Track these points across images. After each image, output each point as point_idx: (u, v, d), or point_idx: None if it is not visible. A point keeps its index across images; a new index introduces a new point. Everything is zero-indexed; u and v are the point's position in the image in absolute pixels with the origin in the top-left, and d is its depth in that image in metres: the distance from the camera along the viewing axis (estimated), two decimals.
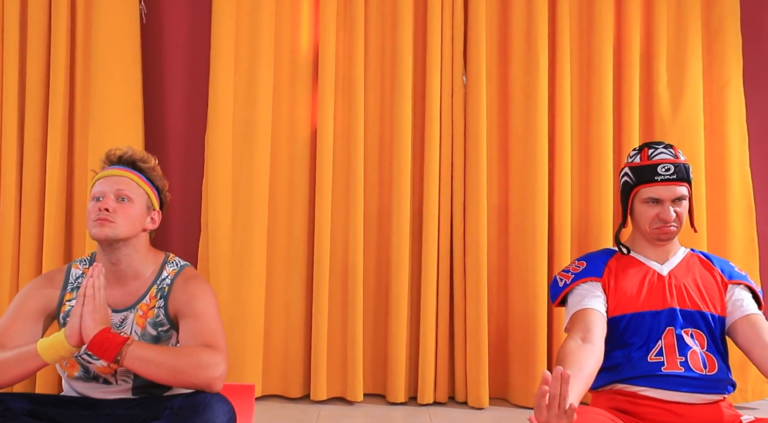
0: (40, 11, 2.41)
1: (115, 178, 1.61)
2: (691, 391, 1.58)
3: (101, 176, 1.63)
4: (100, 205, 1.56)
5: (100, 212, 1.55)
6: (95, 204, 1.58)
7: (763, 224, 2.53)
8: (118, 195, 1.58)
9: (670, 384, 1.59)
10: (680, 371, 1.59)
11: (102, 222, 1.55)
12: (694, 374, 1.59)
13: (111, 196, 1.57)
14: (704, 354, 1.63)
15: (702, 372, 1.60)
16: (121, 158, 1.64)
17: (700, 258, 1.80)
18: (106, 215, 1.55)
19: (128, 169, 1.63)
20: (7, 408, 1.45)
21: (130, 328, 1.60)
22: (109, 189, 1.58)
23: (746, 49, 2.52)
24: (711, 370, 1.61)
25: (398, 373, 2.40)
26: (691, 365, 1.60)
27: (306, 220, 2.48)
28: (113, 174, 1.61)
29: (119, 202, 1.58)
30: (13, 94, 2.39)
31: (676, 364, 1.61)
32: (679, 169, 1.73)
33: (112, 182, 1.60)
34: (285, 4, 2.49)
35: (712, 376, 1.60)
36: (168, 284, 1.65)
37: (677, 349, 1.63)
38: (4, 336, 1.54)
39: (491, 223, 2.49)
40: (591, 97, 2.48)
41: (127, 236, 1.59)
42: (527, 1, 2.46)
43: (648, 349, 1.64)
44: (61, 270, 1.70)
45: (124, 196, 1.59)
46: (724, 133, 2.47)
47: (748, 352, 1.62)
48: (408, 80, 2.44)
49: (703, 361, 1.61)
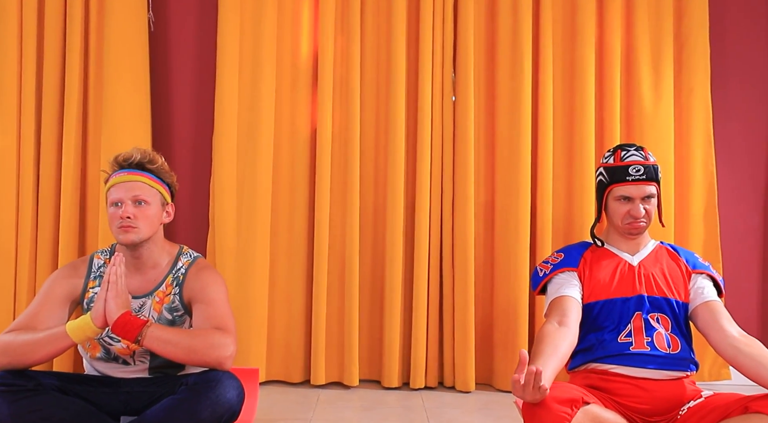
0: (55, 21, 2.53)
1: (130, 184, 1.72)
2: (657, 368, 1.75)
3: (116, 182, 1.74)
4: (122, 214, 1.69)
5: (122, 220, 1.69)
6: (116, 211, 1.71)
7: (725, 221, 2.70)
8: (135, 200, 1.71)
9: (638, 361, 1.75)
10: (647, 350, 1.76)
11: (126, 229, 1.70)
12: (659, 353, 1.76)
13: (129, 203, 1.70)
14: (669, 335, 1.79)
15: (666, 351, 1.76)
16: (130, 162, 1.75)
17: (668, 250, 1.97)
18: (128, 223, 1.69)
19: (139, 172, 1.75)
20: (39, 383, 1.61)
21: (148, 313, 1.76)
22: (126, 195, 1.71)
23: (713, 58, 2.68)
24: (674, 349, 1.77)
25: (392, 359, 2.54)
26: (657, 345, 1.77)
27: (306, 216, 2.61)
28: (127, 180, 1.73)
29: (137, 207, 1.71)
30: (30, 98, 2.51)
31: (643, 344, 1.77)
32: (649, 170, 1.89)
33: (127, 188, 1.72)
34: (286, 12, 2.62)
35: (676, 354, 1.77)
36: (183, 273, 1.80)
37: (644, 331, 1.79)
38: (35, 319, 1.69)
39: (478, 218, 2.63)
40: (573, 101, 2.61)
41: (149, 236, 1.75)
42: (513, 9, 2.59)
43: (618, 332, 1.81)
44: (84, 260, 1.85)
45: (140, 200, 1.72)
46: (691, 137, 2.61)
47: (706, 335, 1.79)
48: (401, 84, 2.57)
49: (667, 341, 1.78)
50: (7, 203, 2.48)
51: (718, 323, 1.75)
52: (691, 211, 2.63)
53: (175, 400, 1.57)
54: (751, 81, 2.75)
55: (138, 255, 1.77)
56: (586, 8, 2.58)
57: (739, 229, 2.73)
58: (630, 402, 1.73)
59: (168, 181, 1.82)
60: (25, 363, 1.59)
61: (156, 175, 1.78)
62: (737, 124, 2.74)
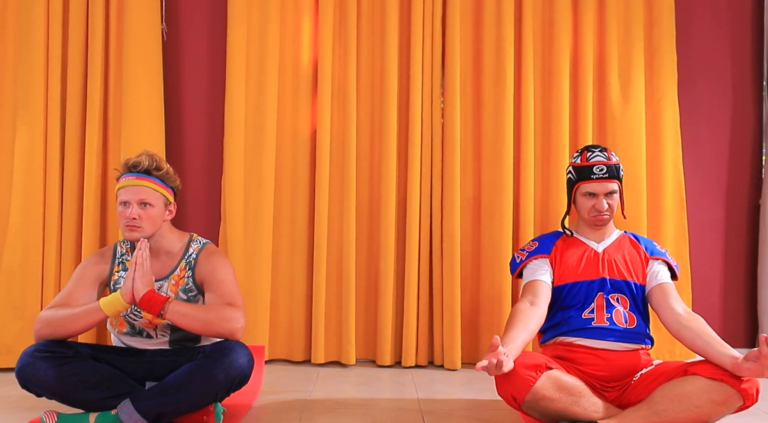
0: (78, 34, 2.75)
1: (137, 188, 1.93)
2: (615, 340, 1.99)
3: (125, 185, 1.94)
4: (128, 214, 1.91)
5: (128, 220, 1.92)
6: (123, 210, 1.93)
7: (692, 214, 2.93)
8: (140, 202, 1.93)
9: (598, 334, 1.99)
10: (606, 325, 2.00)
11: (132, 228, 1.93)
12: (617, 327, 2.00)
13: (135, 205, 1.92)
14: (627, 313, 2.03)
15: (624, 326, 2.00)
16: (139, 168, 1.95)
17: (630, 238, 2.20)
18: (134, 223, 1.92)
19: (146, 177, 1.95)
20: (77, 351, 1.85)
21: (166, 294, 1.99)
22: (133, 197, 1.92)
23: (681, 65, 2.91)
24: (631, 324, 2.01)
25: (385, 340, 2.77)
26: (615, 321, 2.01)
27: (307, 210, 2.84)
28: (135, 184, 1.94)
29: (143, 209, 1.93)
30: (56, 102, 2.73)
31: (603, 319, 2.01)
32: (611, 169, 2.11)
33: (135, 191, 1.93)
34: (289, 25, 2.85)
35: (632, 329, 2.01)
36: (194, 258, 2.04)
37: (605, 308, 2.03)
38: (70, 298, 1.93)
39: (465, 212, 2.85)
40: (551, 104, 2.84)
41: (152, 233, 1.98)
42: (496, 21, 2.81)
43: (583, 309, 2.05)
44: (109, 248, 2.09)
45: (146, 202, 1.94)
46: (661, 137, 2.84)
47: (657, 312, 2.03)
48: (394, 89, 2.79)
49: (624, 317, 2.02)
50: (34, 199, 2.70)
51: (667, 302, 1.99)
52: (661, 205, 2.85)
53: (194, 366, 1.81)
54: (715, 86, 2.98)
55: (155, 245, 2.01)
56: (562, 21, 2.81)
57: (705, 221, 2.97)
58: (590, 369, 1.97)
59: (172, 185, 2.03)
60: (64, 334, 1.83)
61: (161, 179, 1.99)
62: (703, 125, 2.97)
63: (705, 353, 1.80)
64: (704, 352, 1.81)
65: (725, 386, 1.71)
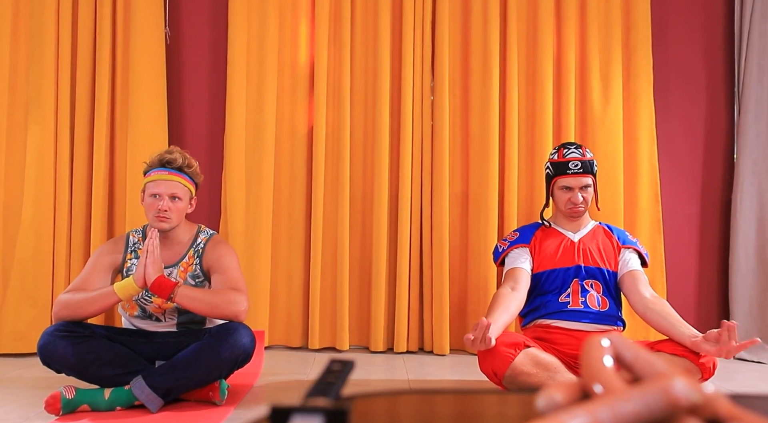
0: (87, 38, 2.89)
1: (170, 182, 2.10)
2: (589, 322, 2.16)
3: (158, 178, 2.10)
4: (160, 206, 2.07)
5: (159, 212, 2.07)
6: (154, 201, 2.08)
7: (667, 208, 3.09)
8: (171, 196, 2.09)
9: (573, 317, 2.17)
10: (581, 308, 2.17)
11: (162, 219, 2.09)
12: (591, 310, 2.17)
13: (166, 198, 2.08)
14: (600, 297, 2.20)
15: (597, 308, 2.18)
16: (173, 164, 2.12)
17: (604, 229, 2.37)
18: (164, 215, 2.08)
19: (178, 173, 2.12)
20: (92, 331, 2.01)
21: (177, 278, 2.15)
22: (165, 191, 2.09)
23: (657, 67, 3.08)
24: (603, 307, 2.19)
25: (378, 328, 2.92)
26: (589, 304, 2.18)
27: (304, 204, 2.99)
28: (168, 179, 2.10)
29: (172, 202, 2.10)
30: (66, 102, 2.88)
31: (578, 303, 2.18)
32: (586, 164, 2.28)
33: (167, 186, 2.09)
34: (286, 28, 3.00)
35: (605, 311, 2.18)
36: (202, 247, 2.20)
37: (580, 293, 2.20)
38: (86, 283, 2.08)
39: (453, 206, 3.01)
40: (535, 104, 3.00)
41: (177, 224, 2.14)
42: (483, 25, 2.97)
43: (560, 294, 2.22)
44: (122, 237, 2.24)
45: (176, 196, 2.10)
46: (637, 136, 3.00)
47: (627, 297, 2.20)
48: (386, 90, 2.94)
49: (598, 301, 2.19)
50: (45, 193, 2.84)
51: (636, 287, 2.16)
52: (638, 200, 3.02)
53: (201, 345, 1.97)
54: (689, 87, 3.15)
55: (166, 235, 2.17)
56: (545, 26, 2.98)
57: (680, 216, 3.14)
58: (566, 349, 2.14)
59: (197, 181, 2.21)
60: (80, 316, 1.98)
61: (190, 176, 2.16)
62: (678, 125, 3.14)
63: (668, 332, 1.98)
64: (667, 332, 1.98)
65: (686, 361, 1.88)
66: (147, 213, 2.12)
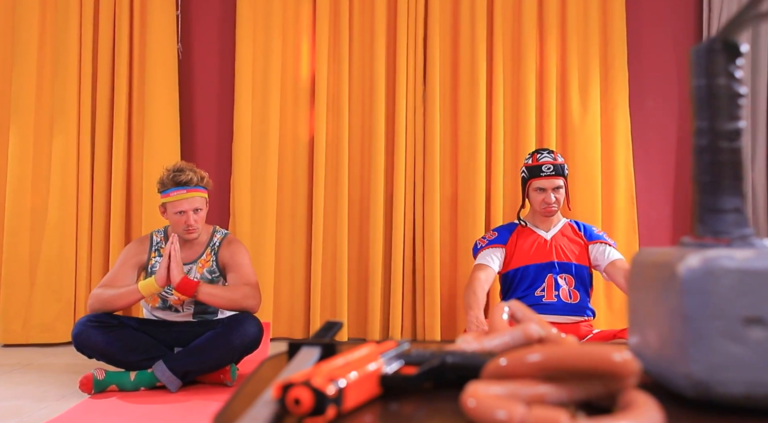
0: (106, 53, 3.15)
1: (191, 199, 2.35)
2: (562, 314, 2.40)
3: (180, 198, 2.34)
4: (186, 221, 2.32)
5: (187, 226, 2.33)
6: (180, 217, 2.34)
7: (642, 210, 3.33)
8: (193, 209, 2.35)
9: (548, 309, 2.41)
10: (554, 301, 2.42)
11: (190, 232, 2.36)
12: (564, 303, 2.41)
13: (190, 212, 2.34)
14: (571, 291, 2.45)
15: (568, 301, 2.42)
16: (188, 184, 2.36)
17: (572, 226, 2.61)
18: (191, 228, 2.34)
19: (195, 188, 2.37)
20: (120, 322, 2.26)
21: (194, 275, 2.40)
22: (188, 207, 2.34)
23: (633, 78, 3.32)
24: (574, 300, 2.43)
25: (374, 321, 3.15)
26: (562, 297, 2.42)
27: (305, 206, 3.23)
28: (188, 197, 2.34)
29: (196, 213, 2.36)
30: (87, 112, 3.13)
31: (552, 296, 2.43)
32: (557, 167, 2.52)
33: (189, 202, 2.35)
34: (289, 44, 3.25)
35: (575, 304, 2.43)
36: (218, 246, 2.45)
37: (554, 287, 2.45)
38: (115, 280, 2.33)
39: (444, 209, 3.25)
40: (519, 114, 3.24)
41: (201, 231, 2.40)
42: (471, 39, 3.21)
43: (535, 288, 2.46)
44: (147, 237, 2.49)
45: (197, 208, 2.37)
46: (614, 143, 3.24)
47: (615, 283, 2.44)
48: (381, 101, 3.18)
49: (569, 294, 2.43)
50: (69, 198, 3.09)
51: (621, 272, 2.39)
52: (614, 202, 3.25)
53: (214, 333, 2.23)
54: (663, 97, 3.38)
55: (189, 238, 2.42)
56: (529, 41, 3.22)
57: (653, 217, 3.38)
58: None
59: (209, 188, 2.47)
60: (110, 309, 2.24)
61: (203, 187, 2.42)
62: (651, 131, 3.38)
63: None
64: None
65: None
66: (175, 228, 2.37)
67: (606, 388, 0.47)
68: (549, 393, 0.46)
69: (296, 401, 0.44)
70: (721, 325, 0.47)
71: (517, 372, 0.49)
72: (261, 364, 0.67)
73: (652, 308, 0.54)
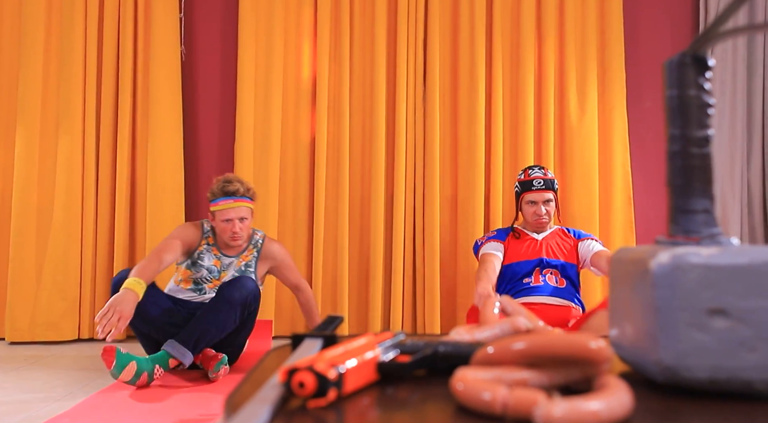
0: (111, 55, 3.20)
1: (237, 209, 2.47)
2: (547, 296, 2.51)
3: (228, 207, 2.45)
4: (232, 229, 2.44)
5: (233, 233, 2.45)
6: (227, 225, 2.45)
7: (639, 210, 3.38)
8: (239, 218, 2.46)
9: (534, 292, 2.53)
10: (541, 284, 2.52)
11: (235, 239, 2.47)
12: (550, 286, 2.52)
13: (236, 221, 2.46)
14: (558, 278, 2.55)
15: (554, 285, 2.52)
16: (236, 194, 2.47)
17: (563, 230, 2.74)
18: (236, 236, 2.46)
19: (242, 198, 2.49)
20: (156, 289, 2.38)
21: (234, 268, 2.52)
22: (235, 216, 2.46)
23: (630, 80, 3.37)
24: (560, 285, 2.54)
25: (375, 316, 3.20)
26: (548, 282, 2.53)
27: (307, 206, 3.28)
28: (236, 206, 2.47)
29: (241, 222, 2.47)
30: (92, 113, 3.18)
31: (539, 281, 2.54)
32: (548, 182, 2.64)
33: (236, 212, 2.46)
34: (291, 46, 3.30)
35: (562, 288, 2.53)
36: (261, 243, 2.60)
37: (540, 276, 2.55)
38: (164, 250, 2.37)
39: (444, 208, 3.30)
40: (518, 115, 3.29)
41: (247, 237, 2.51)
42: (470, 42, 3.26)
43: (523, 278, 2.57)
44: (199, 224, 2.58)
45: (243, 217, 2.48)
46: (611, 143, 3.29)
47: (602, 271, 2.53)
48: (382, 102, 3.23)
49: (556, 280, 2.54)
50: (74, 198, 3.14)
51: (604, 259, 2.51)
52: (612, 202, 3.30)
53: (216, 295, 2.34)
54: (659, 98, 3.43)
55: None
56: (527, 44, 3.27)
57: (651, 217, 3.42)
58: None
59: (254, 200, 2.58)
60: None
61: (250, 197, 2.53)
62: (648, 132, 3.43)
63: None
64: None
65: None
66: (221, 234, 2.49)
67: (583, 373, 0.51)
68: (531, 377, 0.51)
69: (300, 384, 0.49)
70: (687, 316, 0.51)
71: (503, 359, 0.53)
72: (266, 353, 0.71)
73: (629, 301, 0.58)
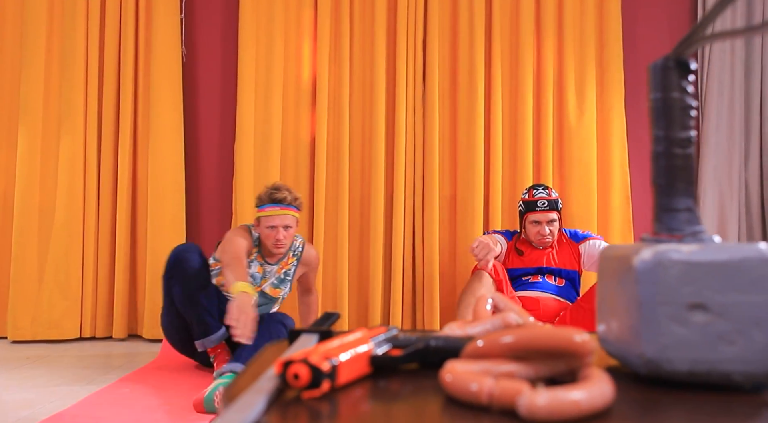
0: (112, 55, 3.22)
1: (282, 217, 2.46)
2: (544, 292, 2.55)
3: (273, 214, 2.45)
4: (276, 236, 2.44)
5: (276, 241, 2.45)
6: (271, 232, 2.45)
7: (637, 210, 3.39)
8: (284, 226, 2.46)
9: (532, 287, 2.57)
10: (539, 281, 2.57)
11: (278, 247, 2.47)
12: (548, 283, 2.57)
13: (281, 229, 2.46)
14: (557, 279, 2.59)
15: (553, 283, 2.55)
16: (283, 201, 2.47)
17: (563, 234, 2.78)
18: (280, 243, 2.46)
19: (288, 207, 2.49)
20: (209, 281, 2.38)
21: (273, 275, 2.54)
22: (280, 223, 2.46)
23: (629, 80, 3.38)
24: (559, 284, 2.57)
25: (375, 313, 3.22)
26: (546, 280, 2.58)
27: (307, 206, 3.28)
28: (281, 213, 2.46)
29: (286, 230, 2.47)
30: (93, 113, 3.20)
31: (538, 279, 2.59)
32: (551, 203, 2.68)
33: (281, 219, 2.46)
34: (291, 47, 3.32)
35: (561, 286, 2.57)
36: (300, 250, 2.62)
37: (541, 277, 2.60)
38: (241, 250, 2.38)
39: (443, 208, 3.32)
40: (517, 115, 3.31)
41: (290, 246, 2.53)
42: (470, 43, 3.29)
43: (524, 276, 2.60)
44: (247, 230, 2.54)
45: (288, 226, 2.48)
46: (609, 143, 3.31)
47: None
48: (381, 103, 3.25)
49: (555, 279, 2.58)
50: (76, 197, 3.16)
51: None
52: (610, 201, 3.31)
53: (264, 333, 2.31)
54: None
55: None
56: (526, 44, 3.29)
57: (648, 216, 3.44)
58: (528, 313, 2.48)
59: (301, 208, 2.58)
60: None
61: (296, 207, 2.52)
62: (646, 132, 3.45)
63: None
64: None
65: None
66: (265, 241, 2.49)
67: (568, 365, 0.53)
68: (518, 370, 0.53)
69: (295, 376, 0.51)
70: (668, 310, 0.53)
71: (492, 352, 0.55)
72: (264, 348, 0.73)
73: (615, 297, 0.60)
